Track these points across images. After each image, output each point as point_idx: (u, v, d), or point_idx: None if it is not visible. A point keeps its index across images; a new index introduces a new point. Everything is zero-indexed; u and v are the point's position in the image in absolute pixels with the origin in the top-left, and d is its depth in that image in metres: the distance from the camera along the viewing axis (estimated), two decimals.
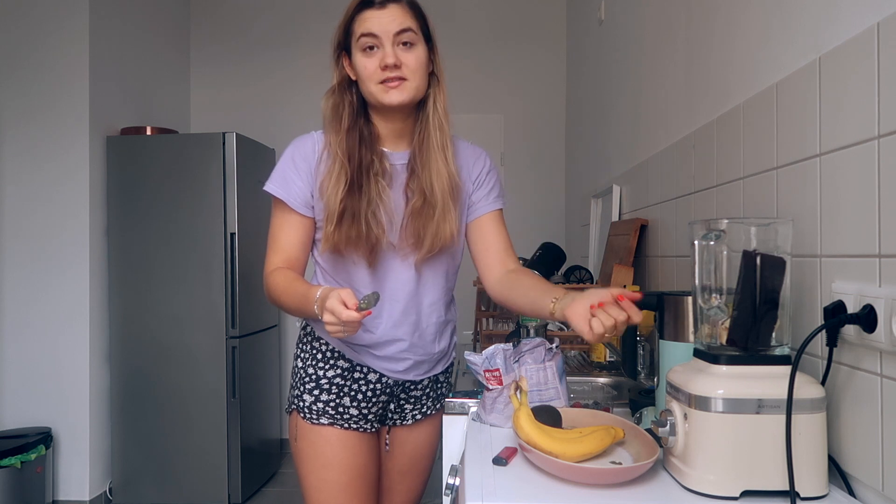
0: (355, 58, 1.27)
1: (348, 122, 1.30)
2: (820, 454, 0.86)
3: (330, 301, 1.09)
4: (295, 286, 1.26)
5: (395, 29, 1.23)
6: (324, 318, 1.10)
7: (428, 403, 1.47)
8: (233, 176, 3.21)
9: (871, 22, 0.85)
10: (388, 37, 1.23)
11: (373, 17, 1.24)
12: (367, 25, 1.24)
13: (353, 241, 1.27)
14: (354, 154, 1.28)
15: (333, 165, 1.28)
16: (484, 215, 1.39)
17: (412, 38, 1.25)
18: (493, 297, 1.40)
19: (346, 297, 1.09)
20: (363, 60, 1.25)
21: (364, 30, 1.24)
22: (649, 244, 1.99)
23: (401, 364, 1.38)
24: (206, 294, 3.22)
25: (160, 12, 3.84)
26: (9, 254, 3.14)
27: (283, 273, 1.30)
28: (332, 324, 1.10)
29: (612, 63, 2.68)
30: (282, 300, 1.29)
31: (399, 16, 1.24)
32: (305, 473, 1.35)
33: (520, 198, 4.13)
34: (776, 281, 0.90)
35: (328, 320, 1.09)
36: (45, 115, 3.12)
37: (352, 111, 1.31)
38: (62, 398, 3.12)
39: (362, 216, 1.26)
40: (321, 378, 1.36)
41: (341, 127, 1.29)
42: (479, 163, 1.41)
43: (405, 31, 1.24)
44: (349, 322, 1.08)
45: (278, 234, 1.33)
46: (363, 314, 1.08)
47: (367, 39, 1.24)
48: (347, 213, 1.26)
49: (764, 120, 1.16)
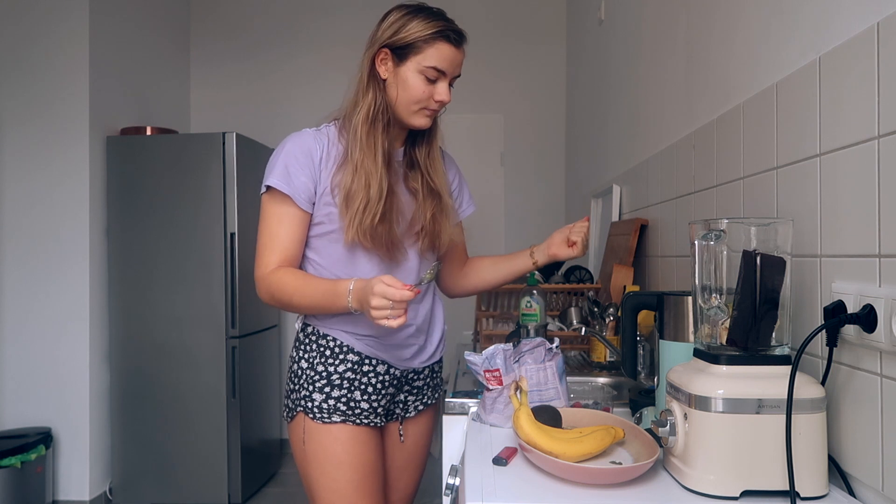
0: (410, 74, 1.30)
1: (386, 124, 1.34)
2: (820, 454, 0.86)
3: (378, 286, 1.13)
4: (314, 283, 1.29)
5: (457, 73, 1.34)
6: (373, 303, 1.13)
7: (427, 393, 1.51)
8: (233, 176, 3.21)
9: (871, 22, 0.85)
10: (451, 76, 1.33)
11: (450, 55, 1.30)
12: (442, 62, 1.30)
13: (381, 237, 1.31)
14: (390, 156, 1.35)
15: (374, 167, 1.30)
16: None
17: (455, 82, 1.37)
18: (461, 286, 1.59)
19: (389, 280, 1.13)
20: (420, 84, 1.30)
21: (438, 63, 1.29)
22: (649, 244, 1.99)
23: (408, 350, 1.42)
24: (206, 294, 3.22)
25: (160, 12, 3.84)
26: (9, 254, 3.14)
27: (289, 271, 1.31)
28: (381, 308, 1.13)
29: (611, 63, 2.68)
30: (293, 299, 1.29)
31: (461, 61, 1.34)
32: (315, 475, 1.33)
33: (520, 198, 4.13)
34: (776, 281, 0.90)
35: (378, 304, 1.12)
36: (45, 115, 3.12)
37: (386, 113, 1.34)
38: (62, 398, 3.12)
39: (394, 215, 1.33)
40: (332, 374, 1.35)
41: (381, 128, 1.33)
42: (454, 170, 1.55)
43: (458, 76, 1.36)
44: (402, 302, 1.12)
45: (277, 230, 1.33)
46: (415, 291, 1.13)
47: (435, 71, 1.30)
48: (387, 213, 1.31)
49: (764, 120, 1.16)
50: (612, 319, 1.85)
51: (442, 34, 1.28)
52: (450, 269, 1.58)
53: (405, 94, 1.30)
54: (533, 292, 1.72)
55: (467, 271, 1.59)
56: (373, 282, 1.14)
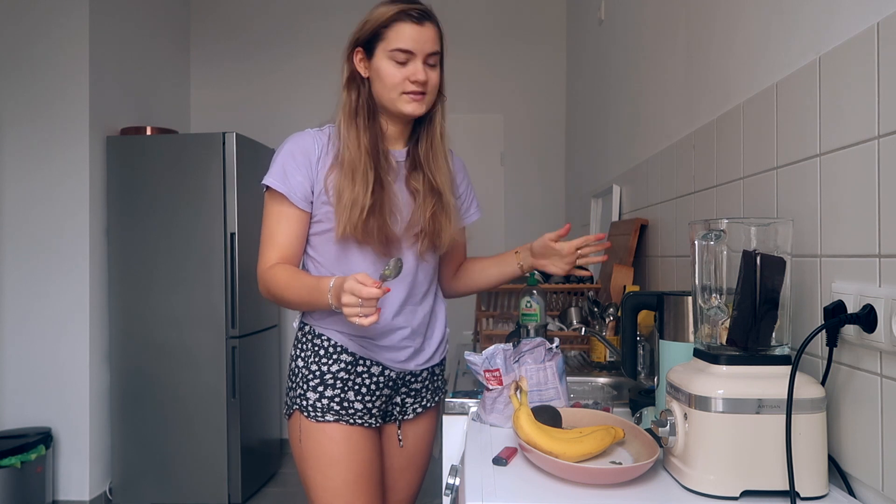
0: (381, 63, 1.30)
1: (368, 118, 1.33)
2: (820, 454, 0.86)
3: (348, 282, 1.12)
4: (301, 279, 1.29)
5: (428, 49, 1.30)
6: (343, 300, 1.13)
7: (427, 396, 1.49)
8: (233, 176, 3.21)
9: (871, 22, 0.85)
10: (422, 55, 1.30)
11: (412, 33, 1.28)
12: (405, 41, 1.28)
13: (373, 232, 1.30)
14: (375, 149, 1.33)
15: (357, 160, 1.31)
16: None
17: (436, 60, 1.34)
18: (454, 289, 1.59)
19: (362, 277, 1.13)
20: (391, 69, 1.30)
21: (401, 44, 1.28)
22: (649, 244, 1.99)
23: (402, 353, 1.41)
24: (206, 294, 3.22)
25: (160, 12, 3.84)
26: (9, 254, 3.14)
27: (283, 268, 1.31)
28: (351, 305, 1.12)
29: (611, 63, 2.68)
30: (285, 295, 1.30)
31: (432, 37, 1.31)
32: (311, 473, 1.35)
33: (520, 198, 4.13)
34: (776, 281, 0.90)
35: (347, 301, 1.12)
36: (45, 115, 3.12)
37: (369, 108, 1.34)
38: (62, 398, 3.12)
39: (386, 209, 1.32)
40: (325, 374, 1.36)
41: (362, 122, 1.33)
42: (463, 173, 1.54)
43: (434, 53, 1.32)
44: (370, 299, 1.11)
45: (275, 228, 1.35)
46: (383, 290, 1.11)
47: (401, 52, 1.28)
48: (375, 206, 1.30)
49: (764, 120, 1.16)
50: (612, 319, 1.85)
51: (400, 16, 1.28)
52: (445, 271, 1.57)
53: (381, 84, 1.31)
54: (533, 292, 1.72)
55: (460, 274, 1.58)
56: (346, 278, 1.15)
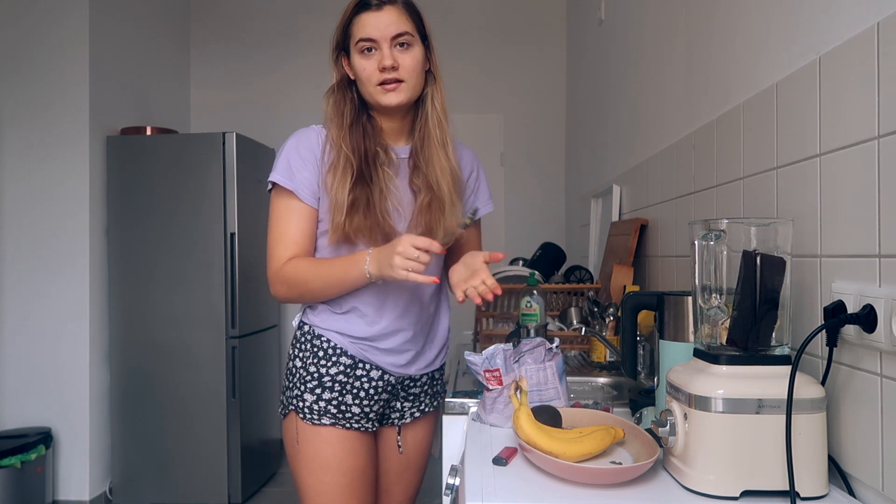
0: (354, 59, 1.30)
1: (351, 117, 1.32)
2: (820, 454, 0.86)
3: (406, 237, 1.16)
4: (329, 261, 1.29)
5: (392, 32, 1.26)
6: (398, 249, 1.15)
7: (426, 401, 1.48)
8: (233, 176, 3.21)
9: (871, 22, 0.85)
10: (386, 40, 1.26)
11: (370, 20, 1.26)
12: (366, 29, 1.26)
13: (367, 230, 1.28)
14: (360, 146, 1.30)
15: (338, 159, 1.30)
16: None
17: (408, 40, 1.28)
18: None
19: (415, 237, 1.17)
20: (361, 62, 1.28)
21: (363, 34, 1.27)
22: (649, 244, 1.98)
23: (403, 357, 1.38)
24: (206, 294, 3.22)
25: (160, 12, 3.84)
26: (9, 253, 3.13)
27: (301, 259, 1.30)
28: (407, 255, 1.15)
29: (611, 63, 2.68)
30: (310, 282, 1.29)
31: (395, 18, 1.27)
32: (304, 476, 1.34)
33: (520, 198, 4.13)
34: (776, 281, 0.90)
35: (403, 251, 1.15)
36: (45, 115, 3.12)
37: (354, 108, 1.33)
38: (62, 398, 3.11)
39: (377, 205, 1.29)
40: (324, 376, 1.34)
41: (344, 122, 1.32)
42: (472, 165, 1.49)
43: (402, 34, 1.27)
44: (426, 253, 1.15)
45: (286, 226, 1.32)
46: (443, 248, 1.16)
47: (364, 42, 1.27)
48: (359, 203, 1.28)
49: (764, 120, 1.16)
50: (612, 319, 1.85)
51: (357, 8, 1.28)
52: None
53: (360, 80, 1.30)
54: (533, 292, 1.72)
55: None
56: (399, 237, 1.18)
